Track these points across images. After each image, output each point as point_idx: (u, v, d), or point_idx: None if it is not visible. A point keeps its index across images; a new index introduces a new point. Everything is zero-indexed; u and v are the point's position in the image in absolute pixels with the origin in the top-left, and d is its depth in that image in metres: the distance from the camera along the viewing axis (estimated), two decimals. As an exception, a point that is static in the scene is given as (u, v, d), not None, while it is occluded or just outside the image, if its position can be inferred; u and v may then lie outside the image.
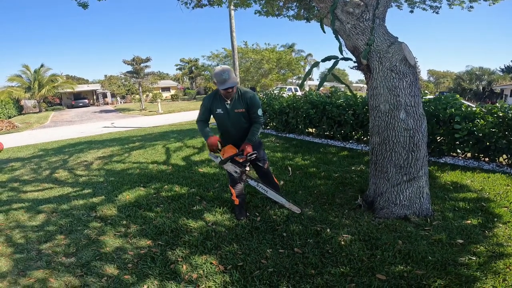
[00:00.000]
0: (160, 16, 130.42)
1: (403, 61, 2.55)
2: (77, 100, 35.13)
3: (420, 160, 2.68)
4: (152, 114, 21.41)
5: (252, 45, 30.32)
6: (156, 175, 4.72)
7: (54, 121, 20.55)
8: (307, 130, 7.55)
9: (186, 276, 2.21)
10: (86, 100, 35.63)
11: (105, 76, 34.76)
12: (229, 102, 2.86)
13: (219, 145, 2.92)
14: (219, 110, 2.89)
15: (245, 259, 2.36)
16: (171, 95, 39.96)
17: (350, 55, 3.08)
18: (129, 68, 26.45)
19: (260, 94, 9.88)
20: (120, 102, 37.01)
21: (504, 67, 38.08)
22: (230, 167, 2.89)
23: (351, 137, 6.58)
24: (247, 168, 2.89)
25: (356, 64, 2.97)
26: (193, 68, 46.89)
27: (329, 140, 6.86)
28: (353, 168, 4.56)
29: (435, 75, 47.33)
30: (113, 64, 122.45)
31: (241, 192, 3.10)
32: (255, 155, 2.81)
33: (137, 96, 30.76)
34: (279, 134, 7.97)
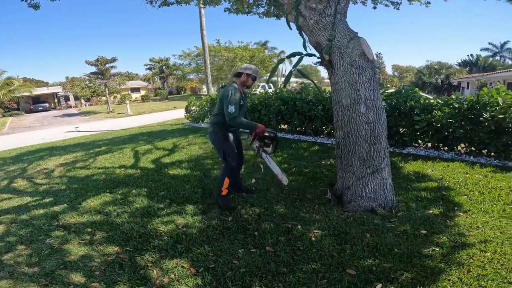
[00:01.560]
0: (128, 16, 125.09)
1: (362, 56, 2.61)
2: (36, 104, 32.72)
3: (382, 152, 2.76)
4: (121, 116, 20.58)
5: (225, 43, 30.13)
6: (123, 179, 4.53)
7: (12, 127, 19.11)
8: (279, 127, 7.61)
9: (157, 281, 2.16)
10: (47, 104, 33.33)
11: (67, 78, 32.70)
12: (245, 95, 3.23)
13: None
14: (242, 102, 3.13)
15: (217, 261, 2.34)
16: (141, 96, 38.63)
17: (314, 51, 3.12)
18: (93, 69, 25.17)
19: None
20: (85, 105, 35.12)
21: (461, 61, 40.81)
22: (255, 142, 3.30)
23: (322, 131, 6.73)
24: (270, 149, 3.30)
25: (319, 60, 3.01)
26: (164, 67, 45.65)
27: (301, 136, 6.97)
28: (323, 162, 4.65)
29: (399, 70, 49.54)
30: (75, 66, 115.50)
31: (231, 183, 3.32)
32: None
33: (104, 98, 29.39)
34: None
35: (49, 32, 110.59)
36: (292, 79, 31.71)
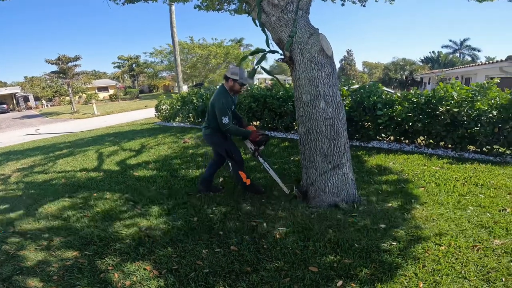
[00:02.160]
0: (96, 14, 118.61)
1: (321, 52, 2.64)
2: (-7, 106, 30.45)
3: (342, 148, 2.81)
4: (87, 116, 19.65)
5: (199, 40, 29.54)
6: (84, 183, 4.31)
7: (-36, 131, 17.57)
8: (251, 124, 7.60)
9: (119, 284, 2.11)
10: (5, 106, 31.02)
11: (26, 77, 30.51)
12: (235, 96, 3.20)
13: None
14: (233, 107, 3.13)
15: (180, 262, 2.29)
16: (110, 95, 36.99)
17: (277, 48, 3.11)
18: (54, 68, 23.76)
19: (202, 90, 9.67)
20: (47, 106, 33.06)
21: (423, 58, 43.11)
22: (248, 144, 3.36)
23: (292, 127, 6.80)
24: (262, 147, 3.34)
25: (282, 57, 3.01)
26: (134, 65, 44.00)
27: (272, 132, 7.01)
28: (291, 158, 4.70)
29: (368, 66, 51.22)
30: (35, 65, 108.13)
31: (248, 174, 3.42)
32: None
33: (67, 98, 27.80)
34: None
35: (6, 30, 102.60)
36: (267, 76, 31.81)
